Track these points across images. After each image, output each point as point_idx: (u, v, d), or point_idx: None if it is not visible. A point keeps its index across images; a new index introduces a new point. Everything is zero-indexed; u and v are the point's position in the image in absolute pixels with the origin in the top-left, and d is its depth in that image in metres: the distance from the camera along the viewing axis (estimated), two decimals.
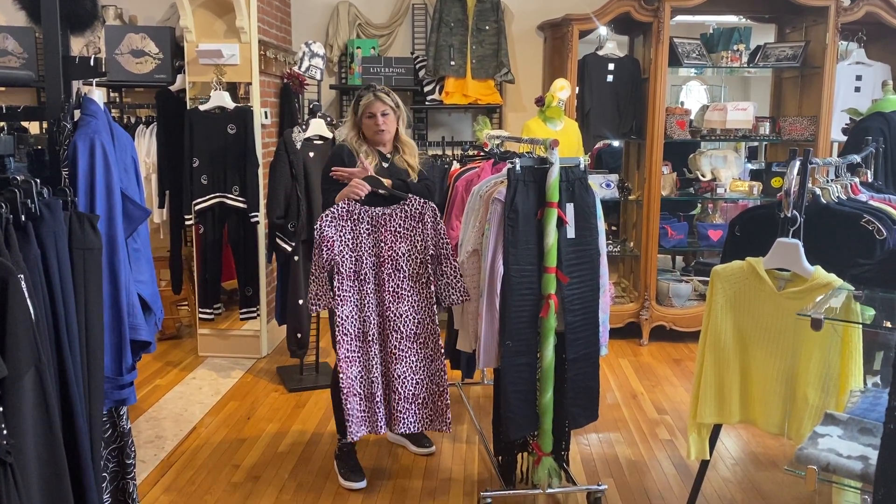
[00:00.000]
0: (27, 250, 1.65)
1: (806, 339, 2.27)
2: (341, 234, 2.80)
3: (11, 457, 1.43)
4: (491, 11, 5.28)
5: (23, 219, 1.66)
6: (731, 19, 5.31)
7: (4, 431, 1.41)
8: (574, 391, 2.76)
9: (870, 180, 3.05)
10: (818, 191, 2.56)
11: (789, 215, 2.38)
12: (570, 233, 2.70)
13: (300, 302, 4.05)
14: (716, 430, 2.64)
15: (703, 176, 5.09)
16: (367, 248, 2.81)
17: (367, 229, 2.81)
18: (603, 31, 5.01)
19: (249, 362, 4.59)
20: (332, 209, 2.82)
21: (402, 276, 2.82)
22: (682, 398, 4.03)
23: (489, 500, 2.88)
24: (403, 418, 2.87)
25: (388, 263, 2.82)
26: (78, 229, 1.81)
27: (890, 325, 2.13)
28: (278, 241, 4.04)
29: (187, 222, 4.48)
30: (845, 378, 2.19)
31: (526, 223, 2.65)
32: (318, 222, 2.80)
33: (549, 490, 2.86)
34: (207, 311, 4.53)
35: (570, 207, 2.69)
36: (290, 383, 4.18)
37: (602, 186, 5.02)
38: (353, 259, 2.81)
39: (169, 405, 3.93)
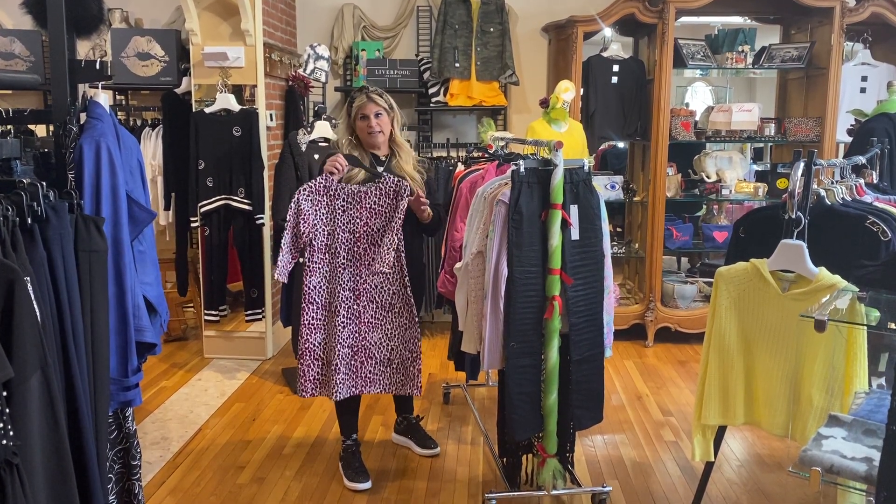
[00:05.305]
0: (33, 253, 1.66)
1: (810, 341, 2.27)
2: (316, 208, 2.89)
3: (18, 458, 1.44)
4: (495, 13, 5.28)
5: (29, 221, 1.67)
6: (735, 20, 5.30)
7: (11, 433, 1.42)
8: (579, 393, 2.76)
9: (875, 181, 3.04)
10: (823, 192, 2.56)
11: (793, 217, 2.37)
12: (575, 234, 2.70)
13: None
14: (720, 432, 2.64)
15: (708, 177, 5.09)
16: (342, 224, 2.90)
17: (343, 205, 2.90)
18: (607, 32, 5.01)
19: (255, 364, 4.60)
20: (309, 183, 2.90)
21: (377, 250, 2.90)
22: (687, 400, 4.02)
23: (494, 502, 2.88)
24: (377, 380, 3.01)
25: (363, 239, 2.91)
26: (84, 232, 1.82)
27: (895, 327, 2.12)
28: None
29: (193, 224, 4.50)
30: (850, 380, 2.18)
31: (530, 225, 2.65)
32: (296, 195, 2.88)
33: (554, 492, 2.86)
34: (213, 312, 4.55)
35: (574, 209, 2.69)
36: (295, 385, 4.18)
37: (607, 188, 5.02)
38: (326, 233, 2.90)
39: (174, 407, 3.94)
